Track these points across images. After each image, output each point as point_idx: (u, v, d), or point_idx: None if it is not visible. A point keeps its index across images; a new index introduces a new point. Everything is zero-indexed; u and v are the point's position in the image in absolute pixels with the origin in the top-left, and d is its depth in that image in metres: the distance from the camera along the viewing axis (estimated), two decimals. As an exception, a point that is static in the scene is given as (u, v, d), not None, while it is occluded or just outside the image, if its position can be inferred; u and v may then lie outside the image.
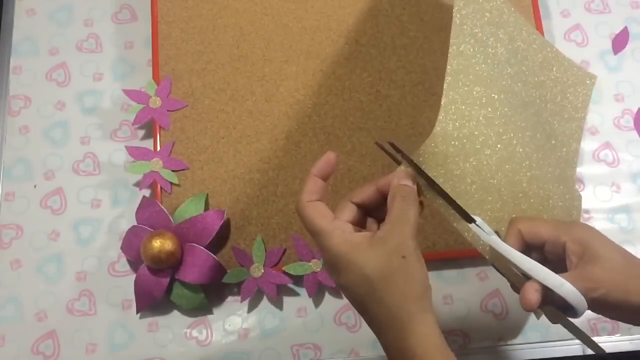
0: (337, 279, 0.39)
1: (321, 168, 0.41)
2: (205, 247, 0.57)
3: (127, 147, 0.62)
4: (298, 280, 0.58)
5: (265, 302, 0.60)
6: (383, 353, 0.39)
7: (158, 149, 0.62)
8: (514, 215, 0.44)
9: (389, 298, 0.36)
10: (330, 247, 0.38)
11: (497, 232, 0.42)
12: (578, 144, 0.55)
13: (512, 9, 0.53)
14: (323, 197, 0.41)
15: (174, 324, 0.59)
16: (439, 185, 0.41)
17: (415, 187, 0.40)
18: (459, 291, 0.60)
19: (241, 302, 0.58)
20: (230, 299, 0.60)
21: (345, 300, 0.59)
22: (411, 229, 0.38)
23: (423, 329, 0.37)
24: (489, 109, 0.45)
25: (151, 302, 0.57)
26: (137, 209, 0.59)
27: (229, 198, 0.61)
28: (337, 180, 0.61)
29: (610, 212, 0.63)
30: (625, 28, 0.68)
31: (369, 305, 0.37)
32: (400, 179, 0.39)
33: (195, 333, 0.59)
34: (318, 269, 0.58)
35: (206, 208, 0.60)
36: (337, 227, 0.38)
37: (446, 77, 0.42)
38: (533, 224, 0.42)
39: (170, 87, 0.63)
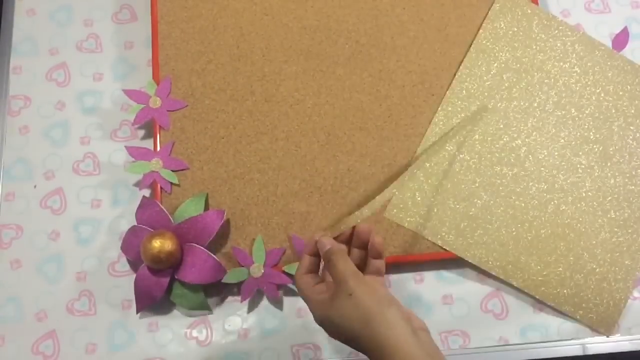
0: (329, 334, 0.46)
1: (311, 249, 0.49)
2: (205, 247, 0.57)
3: (127, 147, 0.62)
4: (298, 280, 0.58)
5: (265, 302, 0.60)
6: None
7: (158, 149, 0.62)
8: None
9: (361, 331, 0.42)
10: (313, 312, 0.46)
11: None
12: None
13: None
14: (316, 268, 0.50)
15: (174, 324, 0.59)
16: None
17: (334, 244, 0.48)
18: (459, 291, 0.60)
19: (241, 302, 0.58)
20: (230, 299, 0.60)
21: (345, 301, 0.60)
22: (345, 277, 0.44)
23: (392, 342, 0.41)
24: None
25: (151, 302, 0.57)
26: (137, 209, 0.59)
27: (229, 198, 0.61)
28: (337, 180, 0.61)
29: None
30: (625, 28, 0.68)
31: (359, 345, 0.43)
32: (322, 248, 0.48)
33: (195, 333, 0.59)
34: (318, 269, 0.58)
35: (206, 208, 0.60)
36: (315, 291, 0.47)
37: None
38: None
39: (170, 87, 0.63)
